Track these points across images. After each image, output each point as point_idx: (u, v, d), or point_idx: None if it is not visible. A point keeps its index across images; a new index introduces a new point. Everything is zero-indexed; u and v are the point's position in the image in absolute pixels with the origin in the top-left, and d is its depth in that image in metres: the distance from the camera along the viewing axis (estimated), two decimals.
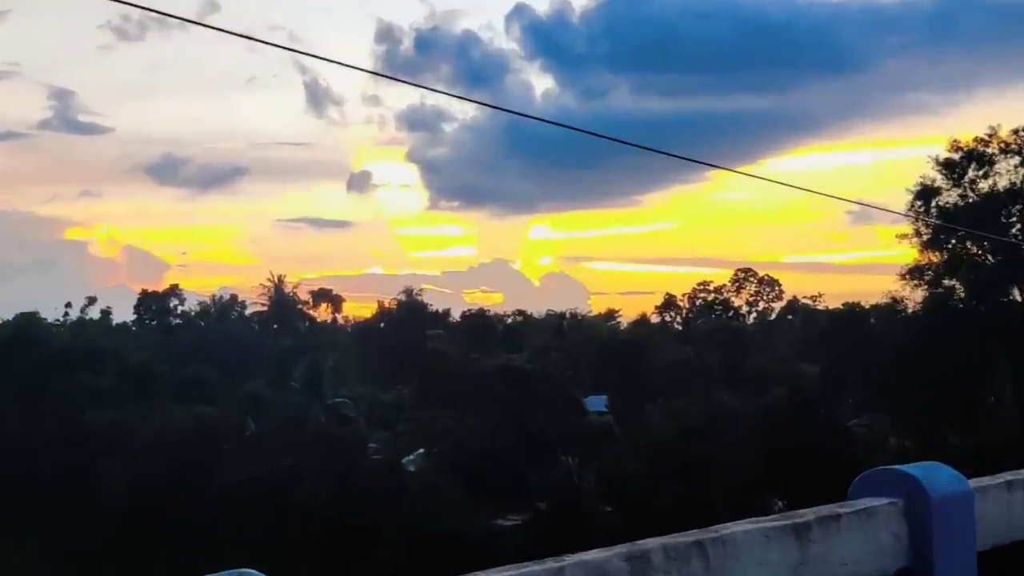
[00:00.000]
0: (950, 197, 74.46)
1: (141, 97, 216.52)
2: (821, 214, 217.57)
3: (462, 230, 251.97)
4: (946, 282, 74.57)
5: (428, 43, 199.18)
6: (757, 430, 73.71)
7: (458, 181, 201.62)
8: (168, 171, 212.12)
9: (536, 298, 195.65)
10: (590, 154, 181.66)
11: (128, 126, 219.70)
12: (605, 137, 12.56)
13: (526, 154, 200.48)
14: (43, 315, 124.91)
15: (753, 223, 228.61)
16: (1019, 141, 73.68)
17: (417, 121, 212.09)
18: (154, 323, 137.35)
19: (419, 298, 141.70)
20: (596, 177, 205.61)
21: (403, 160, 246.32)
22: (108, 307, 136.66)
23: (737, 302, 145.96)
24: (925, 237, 74.61)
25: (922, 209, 73.77)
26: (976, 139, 74.49)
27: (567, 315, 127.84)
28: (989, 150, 74.02)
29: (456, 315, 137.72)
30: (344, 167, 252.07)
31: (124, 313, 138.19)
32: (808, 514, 3.02)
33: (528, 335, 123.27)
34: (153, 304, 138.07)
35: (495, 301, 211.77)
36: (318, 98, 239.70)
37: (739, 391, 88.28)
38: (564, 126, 13.46)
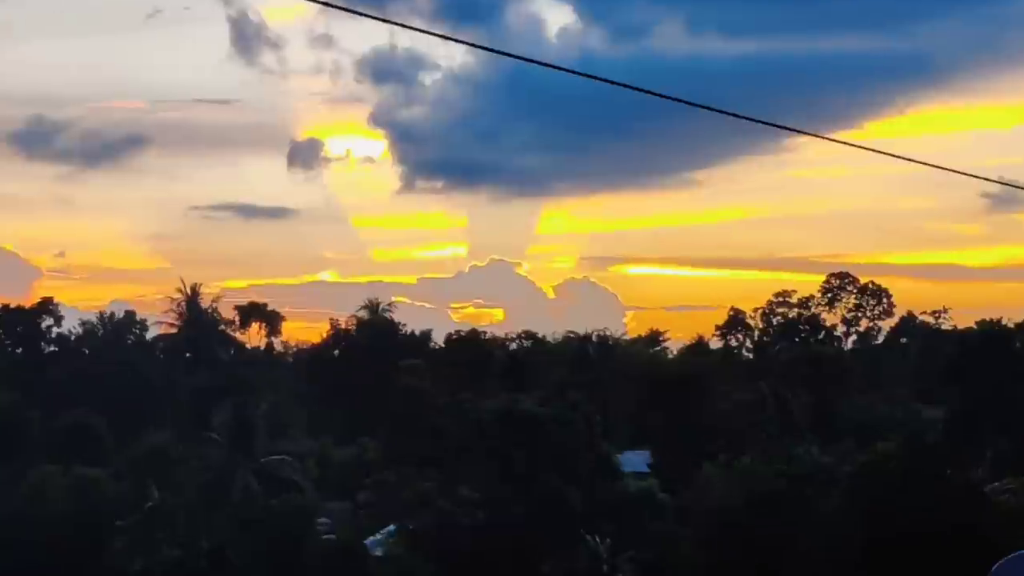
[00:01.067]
0: None
1: (1, 39, 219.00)
2: (947, 198, 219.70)
3: (447, 221, 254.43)
4: None
5: None
6: (857, 497, 73.81)
7: (442, 152, 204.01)
8: (38, 140, 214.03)
9: (550, 315, 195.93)
10: (626, 115, 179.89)
11: None
12: (647, 92, 12.70)
13: (536, 115, 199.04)
14: None
15: (852, 210, 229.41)
16: None
17: (385, 70, 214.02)
18: (19, 351, 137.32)
19: (388, 315, 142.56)
20: (634, 147, 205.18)
21: (365, 124, 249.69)
22: None
23: (830, 320, 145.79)
24: None
25: None
26: None
27: (593, 338, 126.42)
28: None
29: (439, 339, 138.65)
30: (284, 134, 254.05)
31: None
32: None
33: (540, 367, 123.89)
34: (18, 325, 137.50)
35: (493, 319, 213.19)
36: (247, 39, 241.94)
37: (832, 444, 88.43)
38: (589, 76, 13.55)
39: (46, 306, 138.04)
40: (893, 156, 22.27)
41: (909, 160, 22.89)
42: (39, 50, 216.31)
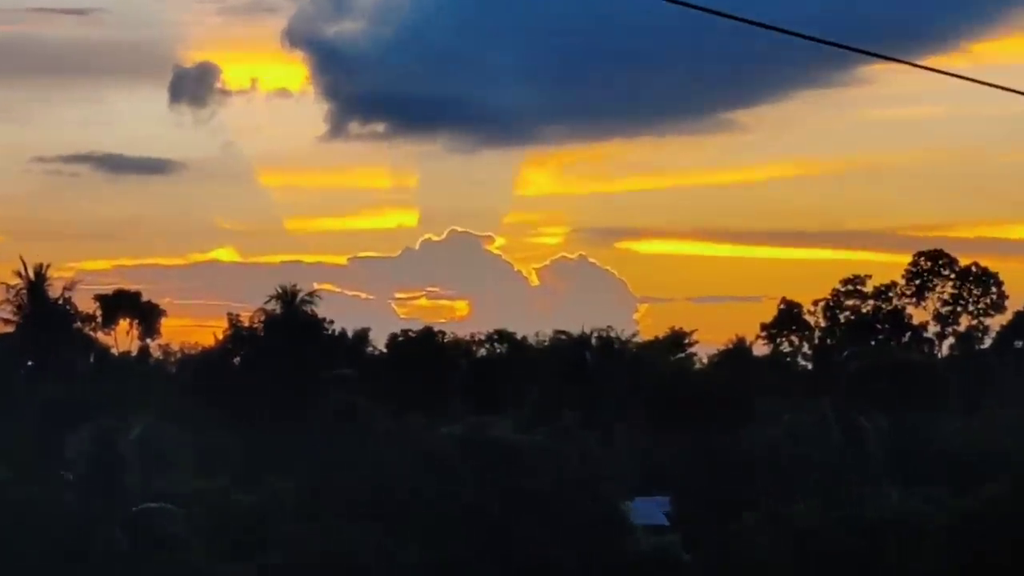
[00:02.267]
0: None
1: None
2: None
3: (391, 178, 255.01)
4: None
5: None
6: (954, 556, 74.23)
7: (384, 84, 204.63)
8: None
9: (533, 308, 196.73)
10: (639, 34, 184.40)
11: None
12: (669, 0, 12.82)
13: (516, 34, 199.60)
14: None
15: (949, 164, 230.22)
16: None
17: None
18: None
19: (310, 309, 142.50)
20: (651, 77, 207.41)
21: (277, 44, 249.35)
22: None
23: (918, 316, 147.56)
24: None
25: None
26: None
27: (593, 341, 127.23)
28: None
29: (379, 341, 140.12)
30: (163, 57, 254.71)
31: None
32: None
33: (519, 379, 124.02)
34: None
35: (455, 314, 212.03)
36: None
37: (920, 485, 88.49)
38: None
39: None
40: (1005, 90, 22.47)
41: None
42: None
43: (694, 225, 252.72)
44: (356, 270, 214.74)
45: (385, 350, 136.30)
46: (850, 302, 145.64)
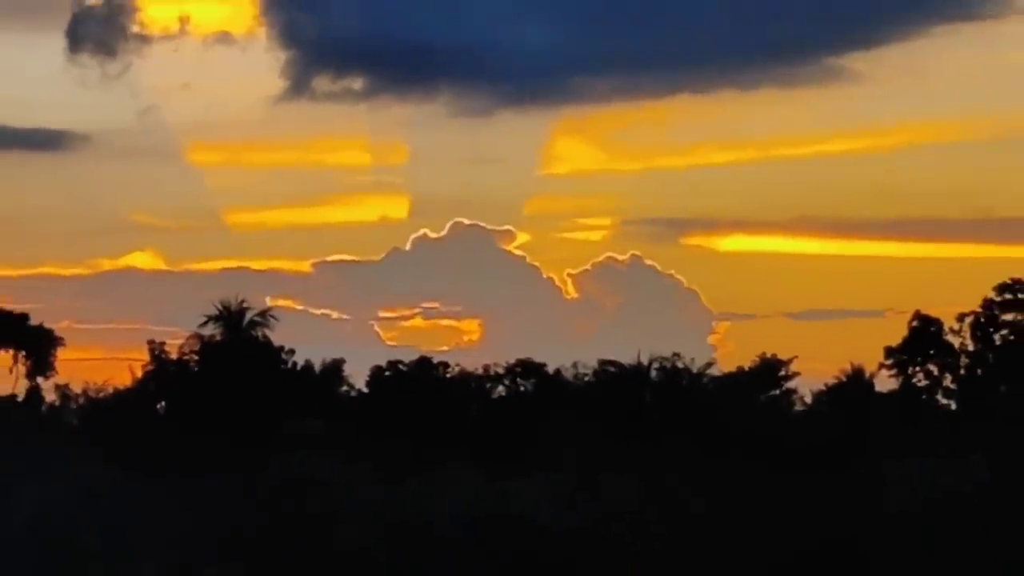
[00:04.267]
0: None
1: None
2: None
3: (374, 153, 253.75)
4: None
5: None
6: None
7: (361, 26, 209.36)
8: None
9: (569, 327, 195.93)
10: None
11: None
12: None
13: None
14: None
15: None
16: None
17: None
18: None
19: (260, 332, 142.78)
20: (722, 11, 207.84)
21: None
22: None
23: None
24: None
25: None
26: None
27: (652, 372, 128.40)
28: None
29: (359, 375, 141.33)
30: None
31: None
32: None
33: (551, 426, 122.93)
34: None
35: (462, 338, 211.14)
36: None
37: None
38: None
39: None
40: None
41: None
42: None
43: (792, 212, 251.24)
44: (325, 279, 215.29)
45: (365, 389, 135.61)
46: (1008, 316, 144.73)
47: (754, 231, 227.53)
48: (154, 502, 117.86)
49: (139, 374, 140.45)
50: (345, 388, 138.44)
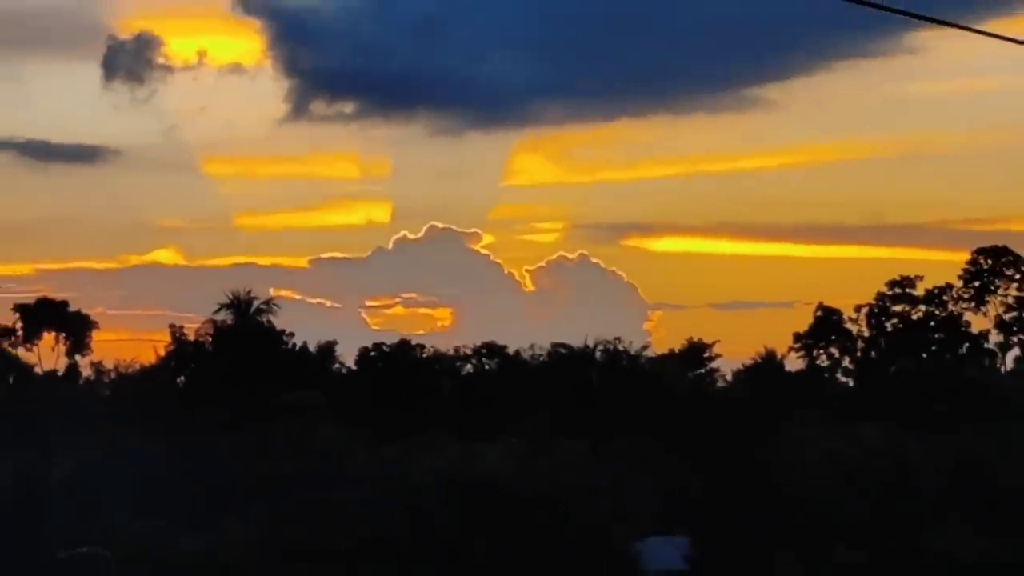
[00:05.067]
0: None
1: None
2: None
3: (361, 167, 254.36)
4: None
5: None
6: None
7: (352, 57, 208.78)
8: None
9: (527, 317, 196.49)
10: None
11: None
12: None
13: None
14: None
15: (1011, 144, 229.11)
16: None
17: None
18: None
19: (265, 319, 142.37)
20: (664, 48, 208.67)
21: (229, 10, 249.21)
22: None
23: (977, 323, 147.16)
24: None
25: None
26: None
27: (597, 355, 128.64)
28: None
29: (349, 355, 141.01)
30: (97, 28, 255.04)
31: None
32: None
33: (512, 401, 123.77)
34: None
35: (435, 324, 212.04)
36: None
37: (988, 523, 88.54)
38: None
39: None
40: None
41: None
42: None
43: (715, 219, 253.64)
44: (320, 273, 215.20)
45: (354, 367, 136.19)
46: (898, 307, 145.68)
47: (683, 234, 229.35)
48: (174, 461, 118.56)
49: (162, 353, 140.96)
50: (337, 366, 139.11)
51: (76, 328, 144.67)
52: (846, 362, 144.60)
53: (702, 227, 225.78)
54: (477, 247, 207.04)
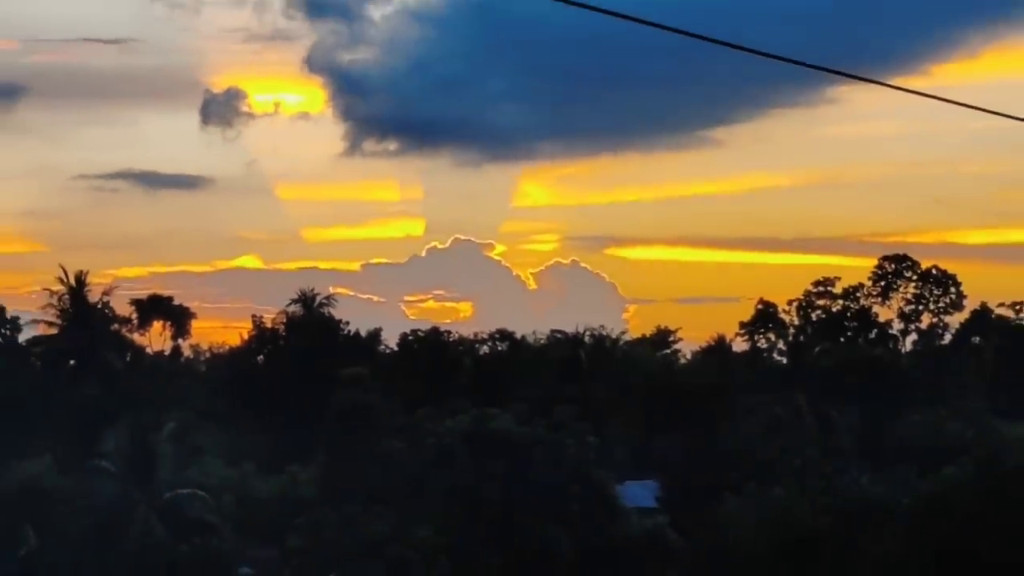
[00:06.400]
0: None
1: None
2: None
3: (400, 192, 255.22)
4: None
5: None
6: (920, 538, 74.00)
7: (395, 106, 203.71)
8: None
9: (531, 309, 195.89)
10: (626, 58, 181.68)
11: None
12: (653, 25, 12.53)
13: (513, 60, 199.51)
14: None
15: (911, 176, 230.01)
16: None
17: (323, 1, 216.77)
18: None
19: (326, 311, 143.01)
20: (636, 98, 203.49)
21: (298, 71, 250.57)
22: None
23: (883, 314, 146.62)
24: None
25: None
26: None
27: (586, 339, 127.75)
28: None
29: (390, 340, 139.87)
30: (195, 83, 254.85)
31: None
32: None
33: (518, 375, 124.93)
34: None
35: (459, 315, 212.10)
36: None
37: (887, 469, 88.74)
38: (580, 6, 13.36)
39: None
40: (965, 106, 22.14)
41: (986, 112, 22.75)
42: None
43: (677, 233, 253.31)
44: (368, 275, 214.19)
45: (396, 348, 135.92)
46: (821, 302, 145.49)
47: (651, 245, 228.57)
48: (254, 421, 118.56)
49: (246, 337, 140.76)
50: (382, 347, 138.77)
51: (179, 318, 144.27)
52: (780, 345, 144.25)
53: (667, 239, 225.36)
54: (491, 254, 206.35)
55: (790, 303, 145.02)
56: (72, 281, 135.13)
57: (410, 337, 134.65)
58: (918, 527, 74.81)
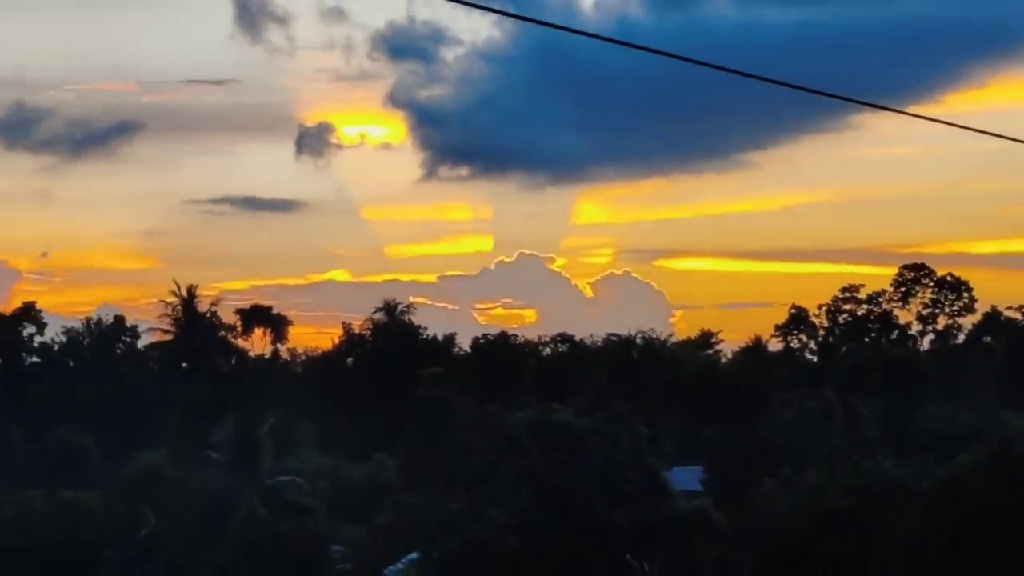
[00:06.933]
0: None
1: None
2: None
3: (471, 212, 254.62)
4: None
5: None
6: (938, 517, 73.41)
7: (466, 136, 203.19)
8: (18, 127, 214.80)
9: (588, 315, 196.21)
10: (671, 91, 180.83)
11: None
12: (695, 62, 12.67)
13: (572, 93, 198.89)
14: None
15: (927, 193, 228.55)
16: None
17: (403, 45, 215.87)
18: None
19: (407, 318, 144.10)
20: (681, 126, 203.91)
21: (381, 106, 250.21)
22: None
23: (903, 317, 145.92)
24: None
25: None
26: None
27: (637, 341, 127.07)
28: None
29: (464, 343, 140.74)
30: (290, 118, 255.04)
31: None
32: None
33: (577, 374, 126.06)
34: None
35: (524, 321, 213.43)
36: (251, 13, 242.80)
37: (908, 456, 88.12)
38: (632, 46, 13.53)
39: (27, 312, 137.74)
40: (974, 131, 22.16)
41: (993, 135, 22.74)
42: (17, 29, 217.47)
43: (718, 246, 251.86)
44: (444, 286, 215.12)
45: (468, 351, 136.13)
46: (847, 306, 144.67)
47: (696, 257, 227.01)
48: (344, 416, 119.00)
49: (336, 342, 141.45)
50: (456, 350, 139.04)
51: (277, 325, 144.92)
52: (811, 345, 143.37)
53: (709, 252, 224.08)
54: (553, 267, 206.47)
55: (820, 308, 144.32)
56: (184, 294, 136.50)
57: (481, 341, 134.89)
58: (936, 507, 74.24)
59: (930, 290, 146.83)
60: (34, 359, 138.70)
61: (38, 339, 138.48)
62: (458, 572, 77.49)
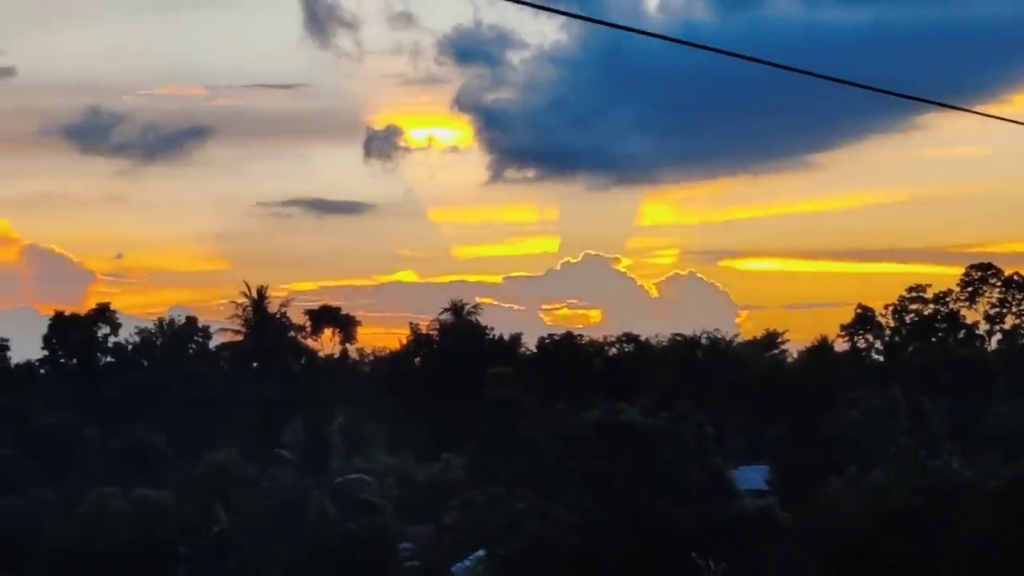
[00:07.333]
0: None
1: (51, 26, 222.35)
2: None
3: (537, 213, 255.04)
4: None
5: None
6: (1006, 516, 72.66)
7: (533, 139, 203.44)
8: (93, 132, 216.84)
9: (653, 315, 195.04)
10: (736, 92, 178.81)
11: (33, 66, 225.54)
12: (762, 62, 12.64)
13: (637, 94, 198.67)
14: None
15: (994, 192, 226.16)
16: None
17: (469, 49, 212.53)
18: (73, 362, 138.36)
19: (473, 318, 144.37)
20: (746, 127, 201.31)
21: (448, 109, 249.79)
22: (2, 338, 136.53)
23: (971, 317, 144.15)
24: None
25: None
26: None
27: (703, 341, 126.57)
28: None
29: (530, 343, 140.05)
30: (358, 121, 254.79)
31: (27, 348, 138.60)
32: None
33: (643, 373, 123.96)
34: (71, 334, 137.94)
35: (589, 321, 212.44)
36: (319, 18, 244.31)
37: (976, 455, 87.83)
38: (697, 46, 13.54)
39: (102, 313, 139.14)
40: None
41: None
42: (92, 35, 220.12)
43: (784, 246, 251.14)
44: (510, 287, 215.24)
45: (535, 351, 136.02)
46: (914, 306, 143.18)
47: (761, 257, 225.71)
48: (412, 415, 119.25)
49: (404, 342, 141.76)
50: (523, 350, 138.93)
51: (346, 326, 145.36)
52: (877, 345, 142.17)
53: (774, 252, 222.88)
54: (618, 267, 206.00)
55: (886, 307, 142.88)
56: (254, 295, 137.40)
57: (547, 341, 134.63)
58: (1004, 506, 73.47)
59: (997, 290, 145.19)
60: (108, 359, 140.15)
61: (112, 339, 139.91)
62: (524, 570, 77.55)
